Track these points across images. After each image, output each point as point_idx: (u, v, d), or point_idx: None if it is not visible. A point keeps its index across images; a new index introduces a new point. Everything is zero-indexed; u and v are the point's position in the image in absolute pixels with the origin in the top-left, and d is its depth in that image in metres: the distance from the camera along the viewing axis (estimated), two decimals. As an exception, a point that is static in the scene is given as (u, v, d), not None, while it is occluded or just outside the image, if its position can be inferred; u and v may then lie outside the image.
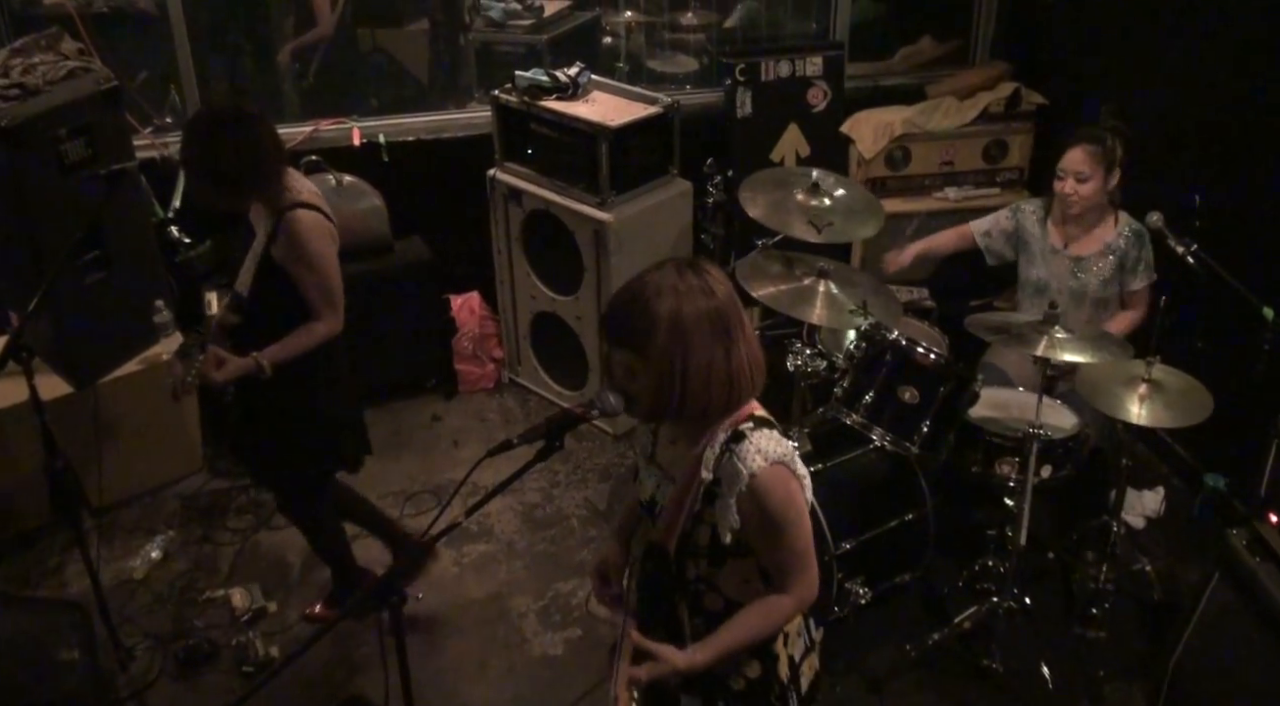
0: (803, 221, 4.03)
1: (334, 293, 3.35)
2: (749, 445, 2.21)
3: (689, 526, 2.31)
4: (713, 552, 2.31)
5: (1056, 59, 5.39)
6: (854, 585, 3.71)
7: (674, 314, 2.12)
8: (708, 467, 2.25)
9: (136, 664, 3.90)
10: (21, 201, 3.98)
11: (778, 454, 2.22)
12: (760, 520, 2.23)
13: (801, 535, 2.29)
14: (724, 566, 2.33)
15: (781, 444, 2.24)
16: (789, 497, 2.23)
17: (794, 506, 2.24)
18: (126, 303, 4.40)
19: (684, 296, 2.13)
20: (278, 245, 3.28)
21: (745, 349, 2.21)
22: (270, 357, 3.33)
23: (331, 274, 3.33)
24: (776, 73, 5.32)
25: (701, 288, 2.15)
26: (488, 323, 5.43)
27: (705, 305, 2.14)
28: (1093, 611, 3.96)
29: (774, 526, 2.24)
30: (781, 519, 2.23)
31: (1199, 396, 3.55)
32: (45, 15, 4.75)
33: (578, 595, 4.21)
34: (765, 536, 2.26)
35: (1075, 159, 4.02)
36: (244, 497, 4.71)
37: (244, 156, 3.14)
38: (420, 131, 5.29)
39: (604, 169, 4.62)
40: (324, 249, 3.31)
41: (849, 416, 3.75)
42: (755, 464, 2.20)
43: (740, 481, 2.20)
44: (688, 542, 2.33)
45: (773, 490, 2.21)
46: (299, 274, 3.29)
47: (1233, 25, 4.26)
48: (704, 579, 2.37)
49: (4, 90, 4.01)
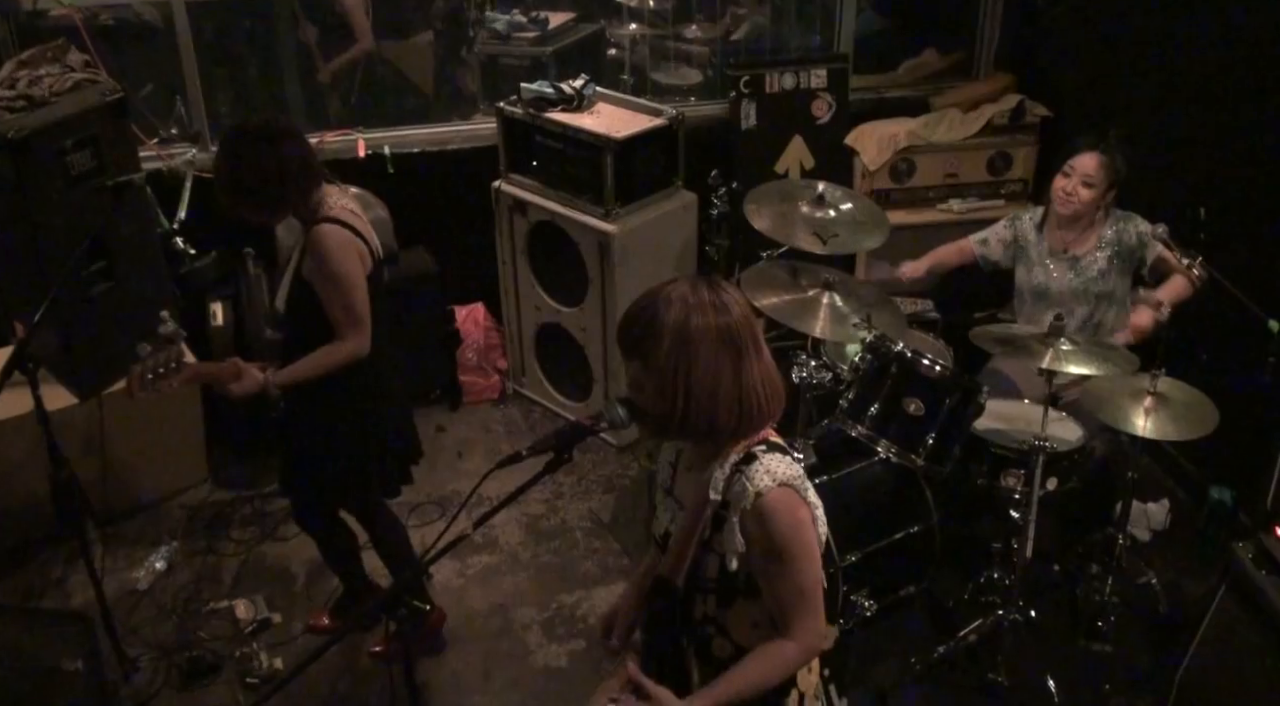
0: (808, 233, 4.04)
1: (357, 311, 3.28)
2: (758, 465, 2.16)
3: (698, 555, 2.24)
4: (721, 587, 2.25)
5: (1061, 71, 5.40)
6: (859, 597, 3.70)
7: (680, 324, 2.10)
8: (716, 490, 2.19)
9: (140, 675, 3.89)
10: (27, 212, 3.98)
11: (787, 476, 2.16)
12: (765, 544, 2.16)
13: (808, 571, 2.20)
14: (732, 606, 2.26)
15: (793, 468, 2.19)
16: (796, 524, 2.16)
17: (801, 535, 2.17)
18: (131, 314, 4.40)
19: (693, 309, 2.11)
20: (306, 261, 3.27)
21: (759, 372, 2.17)
22: (283, 378, 3.30)
23: (354, 292, 3.26)
24: (781, 85, 5.33)
25: (714, 303, 2.13)
26: (492, 334, 5.44)
27: (715, 320, 2.11)
28: (1098, 624, 3.95)
29: (779, 553, 2.16)
30: (786, 545, 2.15)
31: (1204, 409, 3.56)
32: (51, 27, 4.76)
33: (582, 607, 4.21)
34: (769, 564, 2.18)
35: (1088, 163, 4.04)
36: (248, 508, 4.71)
37: (266, 172, 3.13)
38: (425, 143, 5.31)
39: (609, 181, 4.63)
40: (349, 266, 3.25)
41: (854, 428, 3.75)
42: (762, 483, 2.14)
43: (745, 499, 2.15)
44: (696, 574, 2.26)
45: (779, 512, 2.15)
46: (323, 290, 3.26)
47: (1238, 37, 4.27)
48: (712, 620, 2.29)
49: (10, 102, 4.02)
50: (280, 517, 4.65)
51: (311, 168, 3.24)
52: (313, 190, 3.27)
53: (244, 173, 3.15)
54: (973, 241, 4.43)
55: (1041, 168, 5.33)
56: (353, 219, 3.32)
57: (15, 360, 3.39)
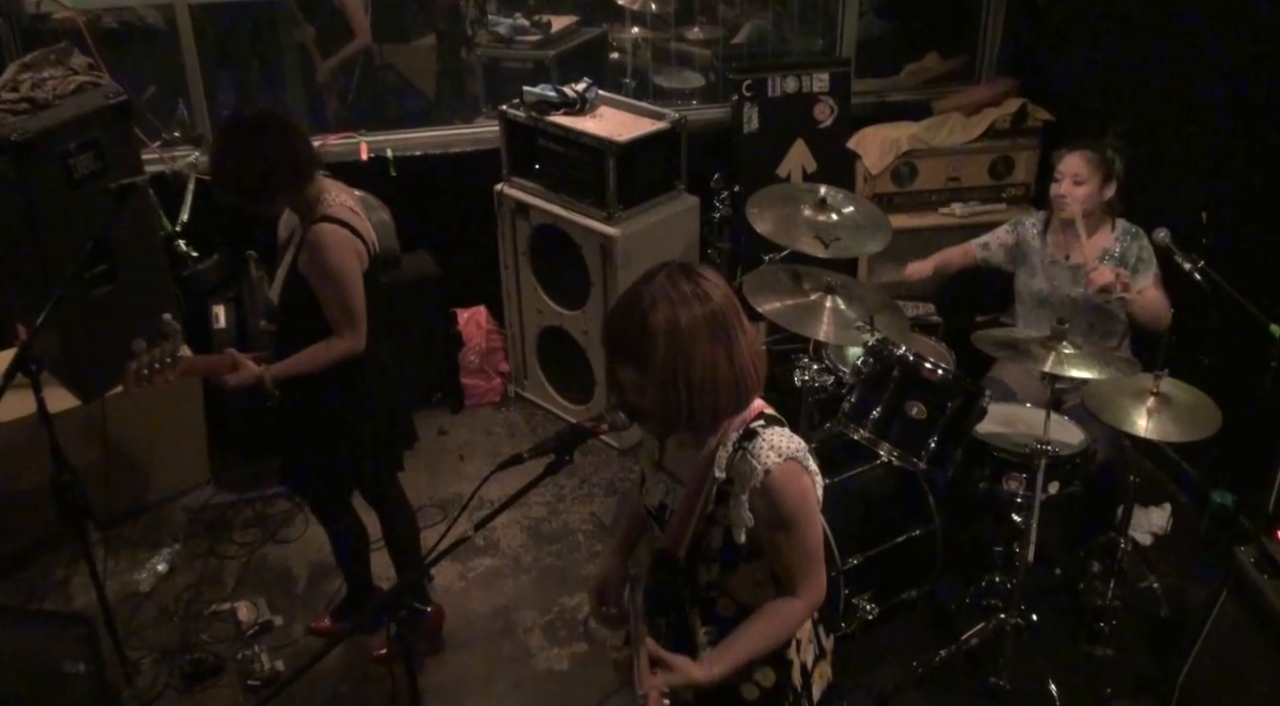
0: (810, 237, 4.04)
1: (353, 310, 3.31)
2: (762, 442, 2.21)
3: (701, 528, 2.30)
4: (725, 555, 2.30)
5: (1063, 75, 5.40)
6: (861, 601, 3.70)
7: (671, 325, 2.10)
8: (720, 467, 2.24)
9: (142, 677, 3.90)
10: (30, 214, 3.97)
11: (791, 450, 2.22)
12: (773, 518, 2.23)
13: (812, 535, 2.29)
14: (736, 570, 2.33)
15: (794, 440, 2.25)
16: (803, 495, 2.24)
17: (807, 504, 2.25)
18: (134, 316, 4.40)
19: (679, 305, 2.11)
20: (303, 257, 3.28)
21: (746, 346, 2.19)
22: (279, 371, 3.32)
23: (351, 291, 3.29)
24: (783, 88, 5.33)
25: (696, 293, 2.13)
26: (494, 337, 5.44)
27: (702, 311, 2.12)
28: (1100, 628, 3.94)
29: (787, 524, 2.23)
30: (794, 516, 2.23)
31: (1207, 410, 3.55)
32: (54, 30, 4.75)
33: (583, 610, 4.21)
34: (777, 535, 2.26)
35: (1072, 162, 4.05)
36: (250, 511, 4.71)
37: (251, 162, 3.14)
38: (428, 146, 5.30)
39: (611, 184, 4.63)
40: (344, 265, 3.26)
41: (856, 431, 3.75)
42: (770, 460, 2.20)
43: (755, 478, 2.20)
44: (699, 546, 2.31)
45: (788, 487, 2.21)
46: (320, 288, 3.27)
47: (1240, 41, 4.27)
48: (716, 584, 2.36)
49: (13, 104, 4.02)
50: (282, 520, 4.65)
51: (301, 162, 3.23)
52: (304, 185, 3.26)
53: (229, 161, 3.16)
54: (975, 245, 4.44)
55: (1043, 172, 5.32)
56: (351, 217, 3.32)
57: (18, 362, 3.39)
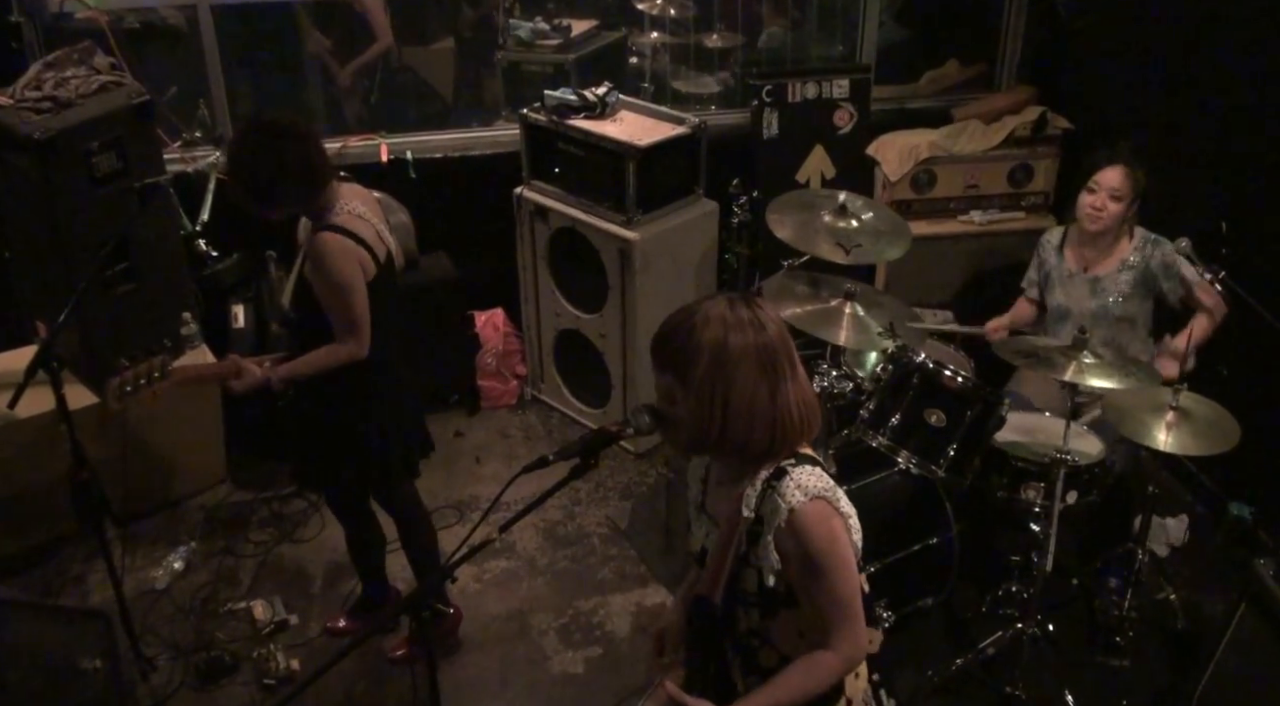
0: (830, 243, 4.04)
1: (354, 319, 3.31)
2: (790, 480, 2.14)
3: (735, 570, 2.23)
4: (762, 600, 2.23)
5: (1083, 83, 5.39)
6: (877, 608, 3.69)
7: (718, 343, 2.08)
8: (749, 506, 2.18)
9: (157, 674, 3.91)
10: (53, 213, 4.01)
11: (818, 489, 2.15)
12: (800, 559, 2.15)
13: (844, 581, 2.18)
14: (776, 617, 2.25)
15: (823, 479, 2.17)
16: (831, 535, 2.15)
17: (836, 546, 2.15)
18: (154, 315, 4.42)
19: (731, 328, 2.09)
20: (308, 264, 3.30)
21: (795, 392, 2.15)
22: (283, 373, 3.35)
23: (352, 299, 3.28)
24: (803, 94, 5.33)
25: (751, 321, 2.10)
26: (511, 339, 5.45)
27: (754, 339, 2.09)
28: (1116, 640, 3.93)
29: (814, 566, 2.14)
30: (823, 560, 2.14)
31: (1226, 424, 3.53)
32: (77, 29, 4.78)
33: (599, 613, 4.21)
34: (806, 578, 2.17)
35: (1113, 177, 4.01)
36: (266, 510, 4.72)
37: (263, 167, 3.16)
38: (448, 149, 5.32)
39: (630, 188, 4.64)
40: (344, 273, 3.26)
41: (875, 438, 3.74)
42: (794, 498, 2.13)
43: (779, 516, 2.14)
44: (734, 589, 2.24)
45: (812, 526, 2.13)
46: (322, 295, 3.30)
47: (1260, 50, 4.26)
48: (756, 632, 2.28)
49: (37, 103, 4.05)
50: (298, 519, 4.67)
51: (314, 169, 3.24)
52: (316, 192, 3.27)
53: (243, 164, 3.19)
54: (1025, 299, 4.47)
55: (1063, 180, 5.32)
56: (358, 225, 3.32)
57: (39, 359, 3.42)
